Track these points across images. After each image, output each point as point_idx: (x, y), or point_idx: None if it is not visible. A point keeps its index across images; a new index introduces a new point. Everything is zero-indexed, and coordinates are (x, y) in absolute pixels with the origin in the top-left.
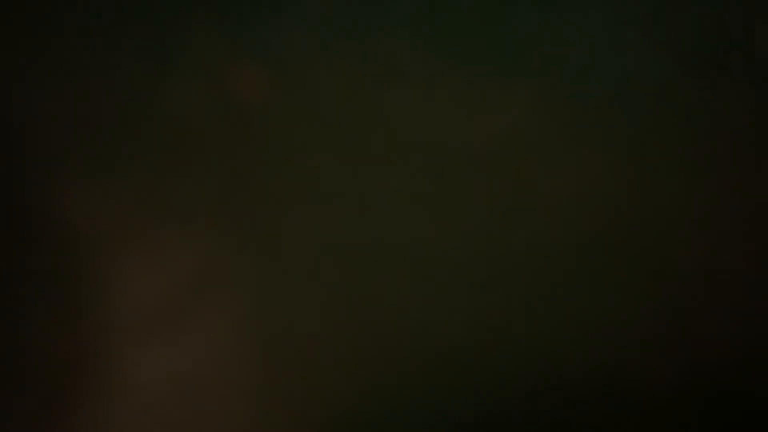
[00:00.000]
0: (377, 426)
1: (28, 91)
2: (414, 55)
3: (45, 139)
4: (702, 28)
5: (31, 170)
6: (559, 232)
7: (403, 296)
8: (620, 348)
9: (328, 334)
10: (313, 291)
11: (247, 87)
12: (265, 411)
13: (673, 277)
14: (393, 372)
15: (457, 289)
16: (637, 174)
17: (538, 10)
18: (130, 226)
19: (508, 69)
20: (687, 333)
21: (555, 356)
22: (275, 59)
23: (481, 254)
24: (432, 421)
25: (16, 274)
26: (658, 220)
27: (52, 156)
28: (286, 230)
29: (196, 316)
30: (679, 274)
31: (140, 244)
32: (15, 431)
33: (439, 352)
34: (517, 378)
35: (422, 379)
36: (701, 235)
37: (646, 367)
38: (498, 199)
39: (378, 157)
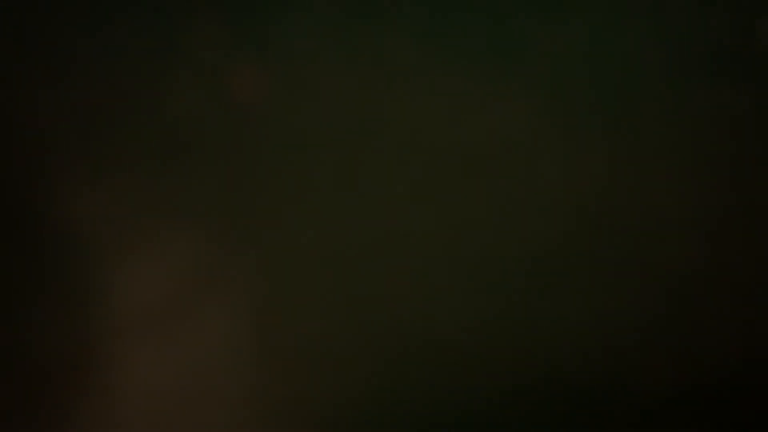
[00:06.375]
0: (377, 425)
1: (28, 91)
2: (414, 55)
3: (46, 139)
4: (702, 28)
5: (32, 170)
6: (559, 231)
7: (403, 295)
8: (620, 348)
9: (328, 334)
10: (313, 290)
11: (247, 87)
12: (266, 410)
13: (672, 277)
14: (393, 371)
15: (458, 289)
16: (637, 174)
17: (538, 10)
18: (131, 226)
19: (508, 69)
20: (687, 333)
21: (555, 356)
22: (275, 59)
23: (481, 254)
24: (431, 420)
25: (17, 275)
26: (658, 220)
27: (53, 156)
28: (286, 230)
29: (196, 316)
30: (679, 274)
31: (140, 243)
32: (16, 431)
33: (438, 352)
34: (516, 378)
35: (422, 379)
36: (701, 235)
37: (646, 367)
38: (498, 199)
39: (378, 156)
